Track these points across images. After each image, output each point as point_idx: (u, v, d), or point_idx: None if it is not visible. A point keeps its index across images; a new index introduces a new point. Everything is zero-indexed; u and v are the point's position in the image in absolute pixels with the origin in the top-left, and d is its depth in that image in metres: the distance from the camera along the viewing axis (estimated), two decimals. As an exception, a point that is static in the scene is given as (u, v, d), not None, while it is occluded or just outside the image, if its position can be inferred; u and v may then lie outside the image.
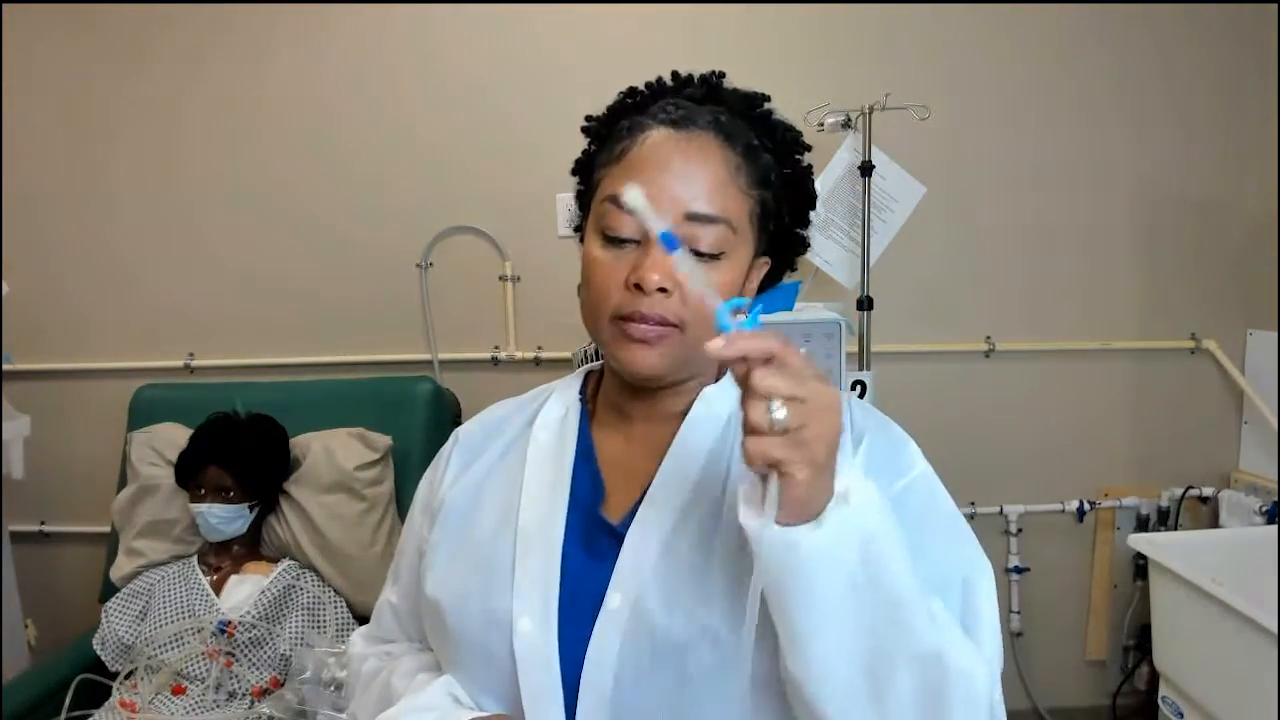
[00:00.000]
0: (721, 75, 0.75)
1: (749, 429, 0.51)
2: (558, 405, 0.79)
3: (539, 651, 0.65)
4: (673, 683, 0.63)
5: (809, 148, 0.77)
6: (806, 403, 0.51)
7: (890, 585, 0.55)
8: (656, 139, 0.68)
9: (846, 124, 1.81)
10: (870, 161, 1.79)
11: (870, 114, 1.78)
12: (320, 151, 2.04)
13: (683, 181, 0.66)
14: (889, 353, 2.02)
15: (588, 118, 0.77)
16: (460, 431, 0.84)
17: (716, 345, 0.51)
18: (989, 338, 2.09)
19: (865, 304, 1.82)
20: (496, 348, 2.08)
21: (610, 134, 0.73)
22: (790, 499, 0.52)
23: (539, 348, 2.08)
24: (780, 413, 0.50)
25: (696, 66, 0.76)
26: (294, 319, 2.09)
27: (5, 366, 1.92)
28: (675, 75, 0.76)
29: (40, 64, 2.02)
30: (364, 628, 0.89)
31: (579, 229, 0.78)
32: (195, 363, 2.10)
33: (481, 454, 0.79)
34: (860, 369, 1.81)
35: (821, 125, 1.81)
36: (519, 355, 2.07)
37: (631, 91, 0.75)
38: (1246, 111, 2.03)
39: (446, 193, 2.03)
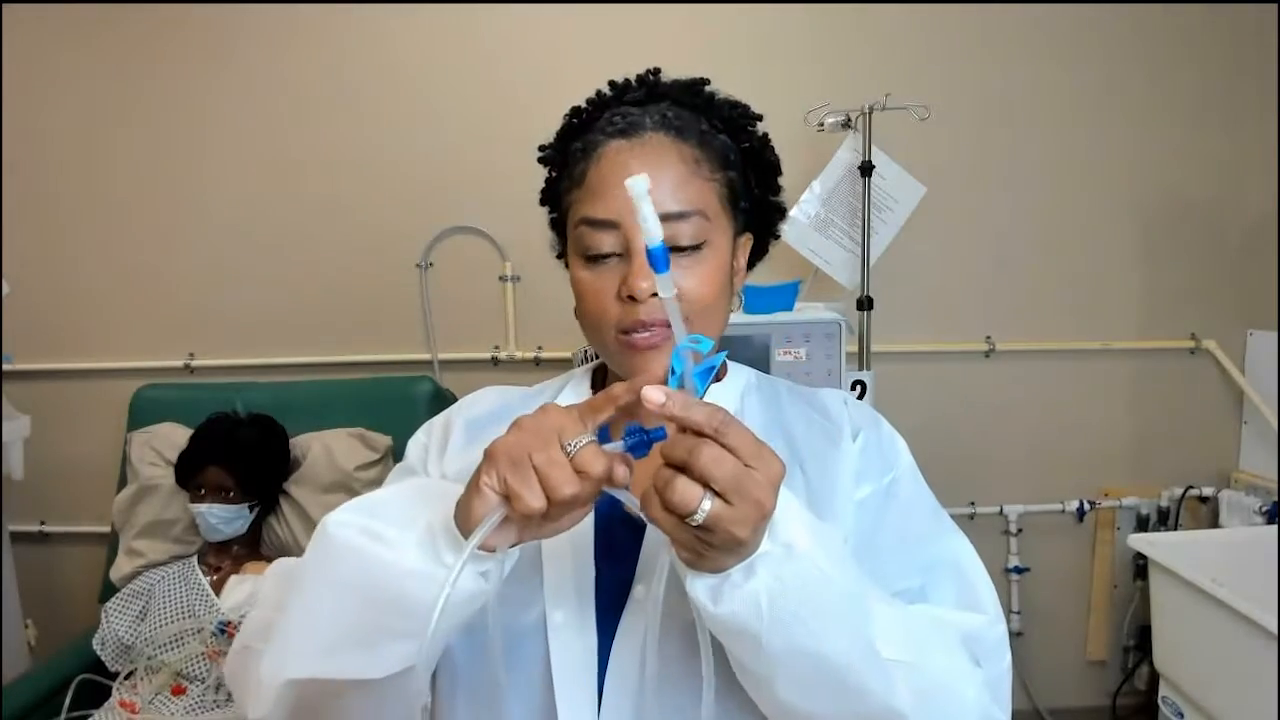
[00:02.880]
0: (658, 72, 0.76)
1: (663, 497, 0.49)
2: (571, 400, 0.79)
3: (575, 642, 0.66)
4: (698, 669, 0.63)
5: (759, 117, 0.77)
6: (733, 508, 0.48)
7: (823, 653, 0.53)
8: (610, 153, 0.69)
9: (846, 124, 1.81)
10: (870, 161, 1.79)
11: (870, 114, 1.78)
12: (320, 152, 2.04)
13: None
14: (889, 353, 2.02)
15: (541, 147, 0.78)
16: (465, 406, 0.82)
17: (657, 398, 0.49)
18: (989, 338, 2.09)
19: (865, 304, 1.82)
20: (496, 348, 2.08)
21: (567, 158, 0.74)
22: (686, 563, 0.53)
23: (539, 348, 2.08)
24: (703, 514, 0.48)
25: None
26: (294, 319, 2.09)
27: (5, 366, 1.92)
28: (612, 84, 0.76)
29: (40, 65, 2.02)
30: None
31: (561, 255, 0.78)
32: (195, 363, 2.10)
33: (489, 436, 0.78)
34: (860, 369, 1.81)
35: (821, 125, 1.81)
36: (519, 355, 2.07)
37: (576, 111, 0.76)
38: (1246, 111, 2.03)
39: (446, 193, 2.03)
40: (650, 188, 0.64)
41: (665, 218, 0.66)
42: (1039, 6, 1.98)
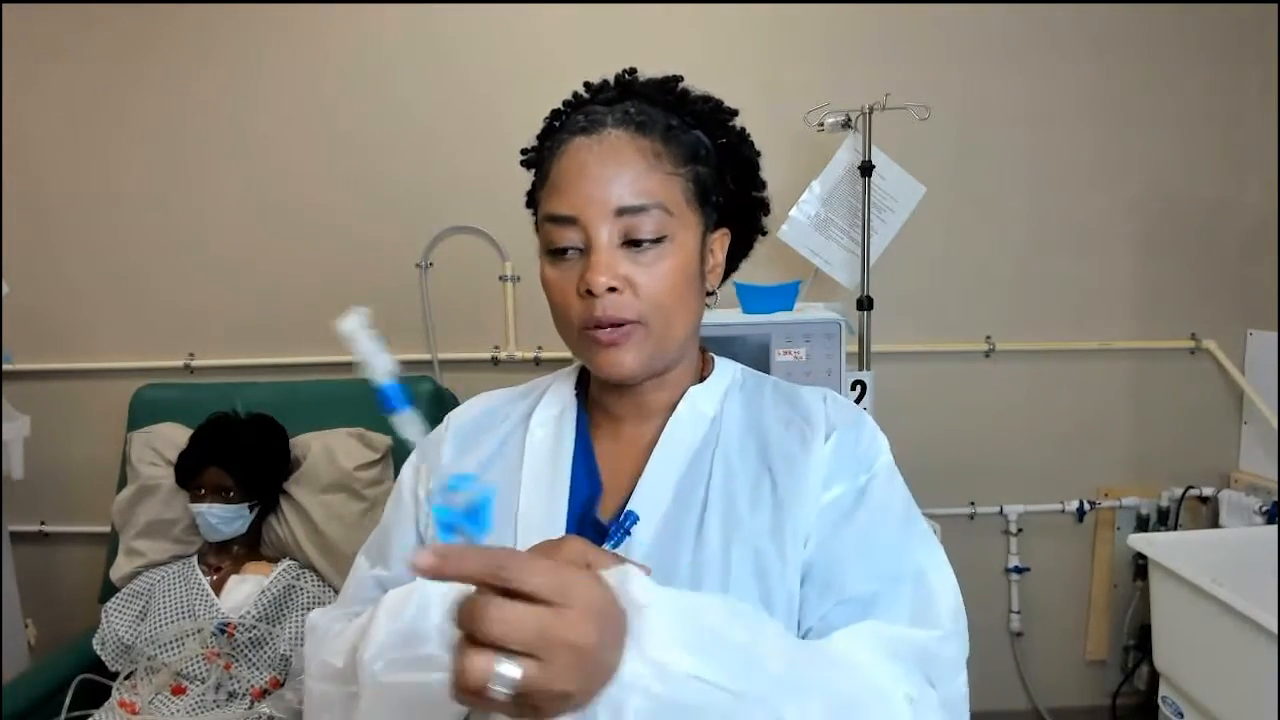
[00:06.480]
0: (633, 71, 0.76)
1: (458, 680, 0.41)
2: (554, 402, 0.80)
3: None
4: None
5: (735, 112, 0.77)
6: (546, 664, 0.41)
7: None
8: (570, 151, 0.69)
9: (846, 124, 1.81)
10: (870, 161, 1.79)
11: (870, 114, 1.78)
12: (321, 151, 2.04)
13: (603, 182, 0.67)
14: (889, 353, 2.02)
15: (523, 150, 0.79)
16: (453, 418, 0.83)
17: (425, 563, 0.41)
18: (989, 338, 2.09)
19: (865, 304, 1.82)
20: (496, 348, 2.08)
21: (541, 159, 0.75)
22: None
23: (539, 348, 2.08)
24: (505, 685, 0.40)
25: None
26: (294, 319, 2.09)
27: (5, 366, 1.92)
28: (588, 84, 0.77)
29: (42, 63, 2.02)
30: (328, 608, 0.82)
31: None
32: (195, 363, 2.10)
33: (476, 443, 0.80)
34: (860, 369, 1.81)
35: (821, 125, 1.81)
36: (519, 355, 2.07)
37: (555, 114, 0.77)
38: (1246, 111, 2.03)
39: (446, 193, 2.03)
40: (604, 190, 0.65)
41: (624, 211, 0.67)
42: (1039, 6, 1.98)
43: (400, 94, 2.02)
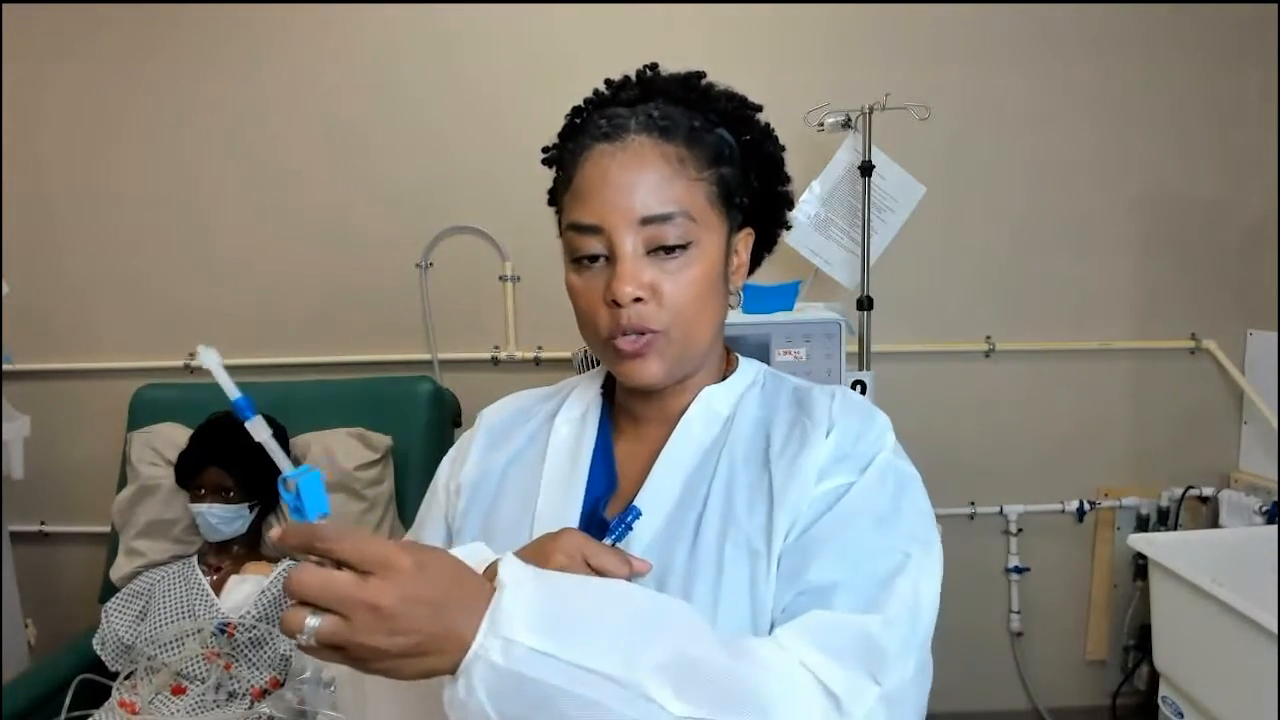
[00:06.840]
0: (655, 67, 0.75)
1: (280, 627, 0.50)
2: (578, 402, 0.81)
3: None
4: None
5: (759, 107, 0.77)
6: (351, 621, 0.47)
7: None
8: (594, 158, 0.69)
9: (846, 124, 1.81)
10: (870, 161, 1.79)
11: (870, 114, 1.78)
12: (321, 152, 2.04)
13: (626, 192, 0.66)
14: (889, 353, 2.02)
15: (544, 149, 0.78)
16: (485, 416, 0.85)
17: (274, 535, 0.51)
18: (989, 338, 2.09)
19: (865, 304, 1.82)
20: (496, 348, 2.08)
21: (564, 159, 0.74)
22: None
23: (539, 348, 2.08)
24: (308, 635, 0.47)
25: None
26: (294, 319, 2.09)
27: (5, 366, 1.92)
28: (609, 82, 0.76)
29: (42, 63, 2.02)
30: None
31: None
32: (195, 363, 2.10)
33: (506, 441, 0.81)
34: (860, 369, 1.81)
35: (821, 125, 1.81)
36: (519, 355, 2.07)
37: (576, 111, 0.77)
38: (1246, 112, 2.03)
39: (447, 192, 2.03)
40: (628, 200, 0.65)
41: (648, 220, 0.67)
42: (1039, 6, 1.98)
43: (400, 94, 2.02)
